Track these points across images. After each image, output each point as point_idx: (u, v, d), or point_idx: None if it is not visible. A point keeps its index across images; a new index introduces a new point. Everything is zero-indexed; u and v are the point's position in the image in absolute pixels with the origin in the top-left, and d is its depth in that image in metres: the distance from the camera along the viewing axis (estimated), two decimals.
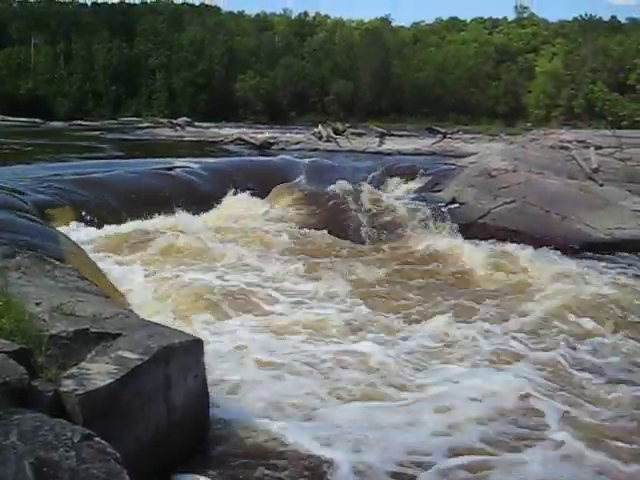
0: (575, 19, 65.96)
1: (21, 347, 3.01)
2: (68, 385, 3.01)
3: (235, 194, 11.88)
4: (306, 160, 15.60)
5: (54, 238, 6.86)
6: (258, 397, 4.79)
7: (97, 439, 2.52)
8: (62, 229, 8.23)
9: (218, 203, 11.55)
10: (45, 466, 2.23)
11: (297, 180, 13.55)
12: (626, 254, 10.04)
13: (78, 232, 8.86)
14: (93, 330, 3.54)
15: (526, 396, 5.01)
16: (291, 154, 18.19)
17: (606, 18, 62.66)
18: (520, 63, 64.01)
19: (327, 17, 76.47)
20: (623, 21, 63.12)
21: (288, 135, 25.20)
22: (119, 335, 3.56)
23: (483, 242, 10.31)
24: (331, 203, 11.63)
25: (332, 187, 12.35)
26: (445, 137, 22.52)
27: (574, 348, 6.11)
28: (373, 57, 60.98)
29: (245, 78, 61.30)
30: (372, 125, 25.36)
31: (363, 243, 10.44)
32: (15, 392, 2.67)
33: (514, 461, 4.12)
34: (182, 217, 10.59)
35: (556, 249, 10.04)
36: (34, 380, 2.88)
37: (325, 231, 10.63)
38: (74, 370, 3.18)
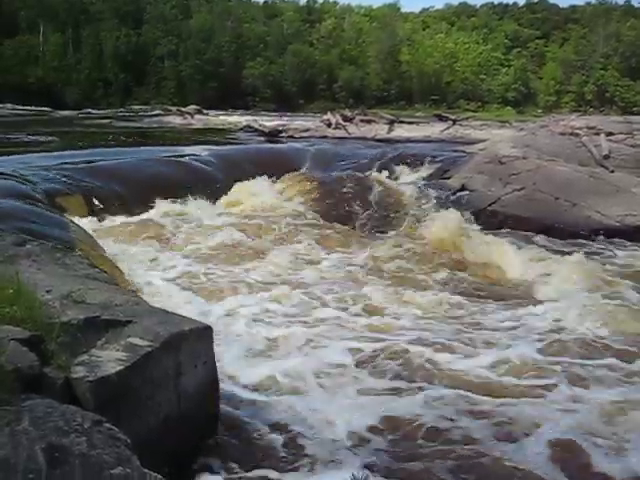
0: (587, 4, 65.43)
1: (32, 334, 3.03)
2: (79, 372, 3.04)
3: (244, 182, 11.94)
4: (315, 147, 15.56)
5: (64, 226, 6.89)
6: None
7: (107, 425, 2.55)
8: (72, 217, 8.27)
9: (228, 190, 11.62)
10: (56, 451, 2.26)
11: (305, 168, 13.55)
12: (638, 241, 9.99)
13: (88, 220, 8.89)
14: (103, 317, 3.56)
15: None
16: (300, 141, 18.15)
17: (620, 2, 61.78)
18: (531, 49, 63.57)
19: (335, 3, 76.11)
20: (637, 5, 62.19)
21: (297, 122, 25.13)
22: (129, 322, 3.58)
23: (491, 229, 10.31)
24: (339, 190, 11.62)
25: (341, 174, 12.34)
26: (455, 124, 22.37)
27: None
28: (382, 44, 60.64)
29: (254, 65, 61.21)
30: (381, 112, 25.24)
31: (371, 230, 10.43)
32: (26, 378, 2.70)
33: None
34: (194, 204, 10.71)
35: (565, 236, 10.05)
36: (45, 367, 2.91)
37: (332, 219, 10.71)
38: (85, 357, 3.20)
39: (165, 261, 7.96)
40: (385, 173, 12.83)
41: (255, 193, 11.63)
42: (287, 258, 8.44)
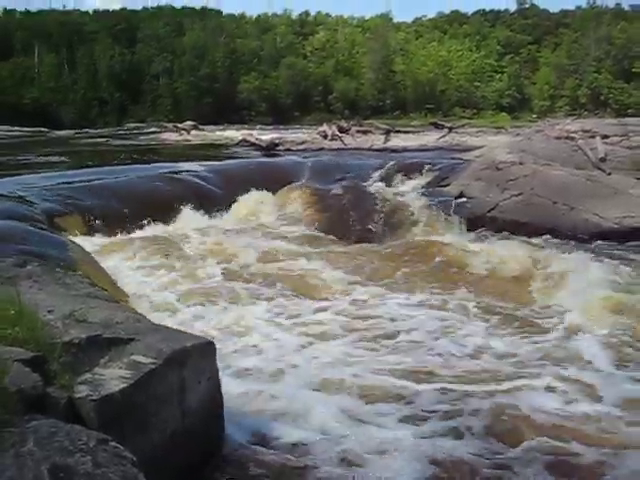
0: (577, 8, 65.75)
1: (35, 355, 3.03)
2: (82, 391, 3.03)
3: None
4: (312, 159, 15.60)
5: (64, 246, 6.90)
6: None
7: (112, 443, 2.54)
8: (71, 236, 8.27)
9: (227, 206, 11.63)
10: (62, 471, 2.25)
11: (304, 180, 13.56)
12: (636, 242, 9.98)
13: (88, 239, 8.89)
14: (106, 336, 3.56)
15: None
16: (297, 154, 18.20)
17: (610, 5, 62.04)
18: (523, 55, 63.82)
19: (328, 16, 76.49)
20: (627, 8, 62.45)
21: (293, 135, 25.23)
22: (131, 340, 3.58)
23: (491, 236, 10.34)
24: (338, 202, 11.65)
25: (339, 185, 12.37)
26: (450, 132, 22.51)
27: None
28: (375, 54, 60.90)
29: (248, 80, 61.45)
30: (377, 122, 25.35)
31: (370, 241, 10.43)
32: (30, 399, 2.69)
33: None
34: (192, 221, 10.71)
35: (564, 240, 10.06)
36: (48, 387, 2.90)
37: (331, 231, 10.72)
38: (88, 376, 3.20)
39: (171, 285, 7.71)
40: (383, 183, 12.86)
41: (254, 209, 11.66)
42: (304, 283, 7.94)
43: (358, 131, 21.73)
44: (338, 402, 4.77)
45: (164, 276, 7.87)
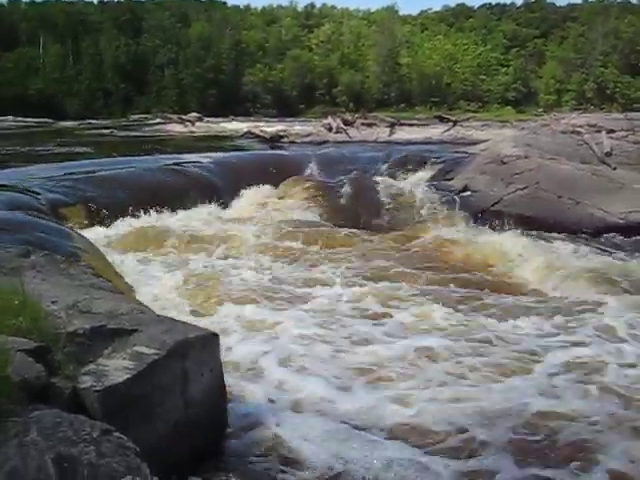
0: (585, 2, 65.33)
1: (39, 345, 3.03)
2: (86, 381, 3.04)
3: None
4: (317, 152, 15.58)
5: (68, 236, 6.90)
6: None
7: (116, 434, 2.54)
8: (75, 227, 8.27)
9: (231, 198, 11.63)
10: (65, 461, 2.25)
11: (309, 172, 13.56)
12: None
13: (92, 230, 8.90)
14: (110, 326, 3.56)
15: None
16: (302, 146, 18.18)
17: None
18: (530, 48, 63.58)
19: (334, 8, 76.35)
20: (634, 2, 61.93)
21: (298, 127, 25.23)
22: (135, 331, 3.58)
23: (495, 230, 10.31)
24: (344, 194, 11.65)
25: (345, 178, 12.36)
26: (455, 125, 22.46)
27: None
28: (381, 47, 60.75)
29: (253, 72, 61.38)
30: (382, 115, 25.31)
31: (376, 233, 10.42)
32: (34, 389, 2.70)
33: None
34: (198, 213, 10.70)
35: (569, 234, 10.02)
36: (52, 377, 2.91)
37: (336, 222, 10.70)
38: (92, 366, 3.20)
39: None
40: (388, 175, 12.85)
41: (259, 201, 11.65)
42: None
43: (363, 124, 21.70)
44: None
45: (165, 269, 7.87)
